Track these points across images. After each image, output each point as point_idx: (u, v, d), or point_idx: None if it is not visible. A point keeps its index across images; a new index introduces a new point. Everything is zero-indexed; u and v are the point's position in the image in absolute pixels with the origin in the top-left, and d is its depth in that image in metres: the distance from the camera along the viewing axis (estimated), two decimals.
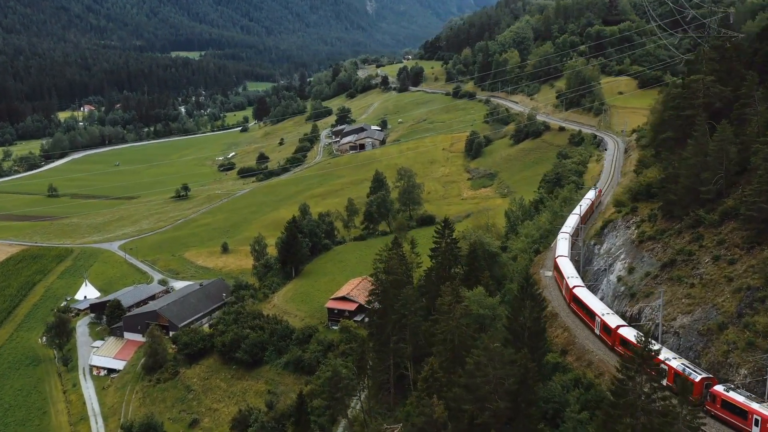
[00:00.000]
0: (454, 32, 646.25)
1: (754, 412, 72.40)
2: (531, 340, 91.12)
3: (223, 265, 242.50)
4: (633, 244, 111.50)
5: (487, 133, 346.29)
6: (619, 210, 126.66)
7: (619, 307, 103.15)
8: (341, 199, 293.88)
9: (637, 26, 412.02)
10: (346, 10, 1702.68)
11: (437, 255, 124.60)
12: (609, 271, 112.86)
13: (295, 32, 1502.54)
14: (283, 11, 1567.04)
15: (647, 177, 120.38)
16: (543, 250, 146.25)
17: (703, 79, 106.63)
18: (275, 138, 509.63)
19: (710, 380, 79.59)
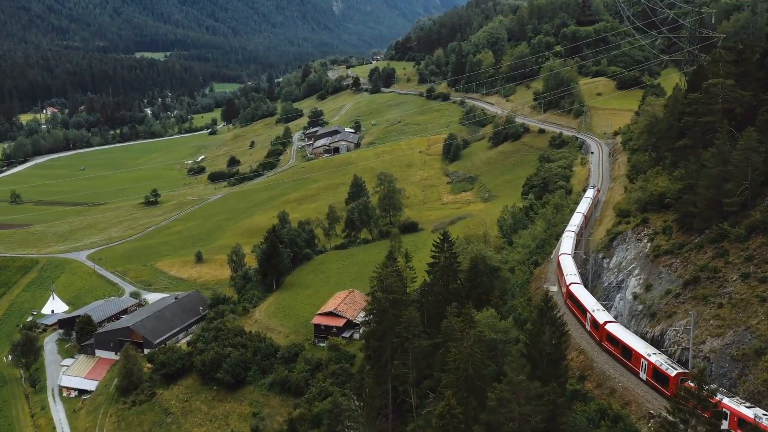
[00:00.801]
0: (424, 33, 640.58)
1: (724, 407, 72.92)
2: (550, 368, 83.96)
3: (198, 275, 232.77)
4: (647, 258, 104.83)
5: (464, 135, 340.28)
6: (627, 221, 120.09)
7: (638, 327, 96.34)
8: (318, 204, 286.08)
9: (612, 27, 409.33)
10: (313, 10, 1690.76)
11: (436, 270, 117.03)
12: (622, 287, 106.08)
13: (261, 33, 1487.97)
14: (249, 11, 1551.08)
15: (659, 186, 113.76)
16: (542, 262, 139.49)
17: (722, 83, 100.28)
18: (245, 140, 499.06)
19: (686, 375, 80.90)
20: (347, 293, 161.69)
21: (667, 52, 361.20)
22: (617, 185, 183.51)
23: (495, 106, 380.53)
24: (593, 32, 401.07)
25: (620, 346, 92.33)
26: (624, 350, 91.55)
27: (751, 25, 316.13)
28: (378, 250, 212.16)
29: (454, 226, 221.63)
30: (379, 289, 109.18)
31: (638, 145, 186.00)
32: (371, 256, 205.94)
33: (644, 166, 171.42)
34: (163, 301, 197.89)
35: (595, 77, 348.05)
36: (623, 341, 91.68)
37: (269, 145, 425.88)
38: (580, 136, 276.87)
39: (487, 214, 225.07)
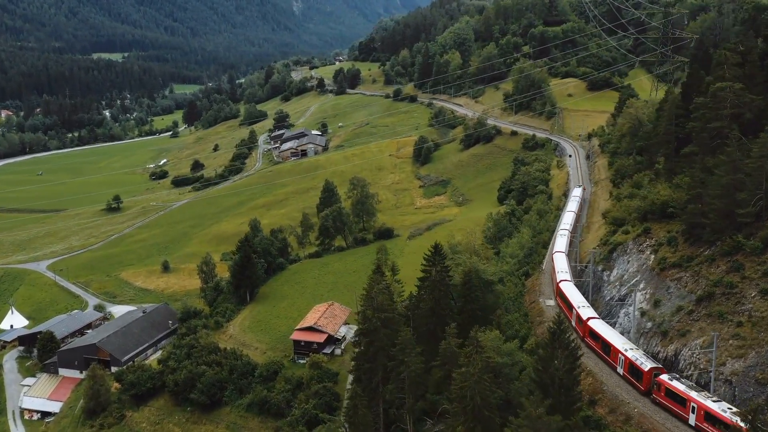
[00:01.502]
0: (388, 33, 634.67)
1: (692, 400, 75.87)
2: (563, 394, 78.00)
3: (165, 286, 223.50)
4: (653, 271, 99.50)
5: (435, 137, 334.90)
6: (626, 230, 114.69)
7: (649, 346, 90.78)
8: (287, 209, 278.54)
9: (579, 27, 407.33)
10: (273, 10, 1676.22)
11: (426, 285, 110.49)
12: (626, 302, 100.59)
13: (220, 33, 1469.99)
14: (208, 12, 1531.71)
15: (660, 195, 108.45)
16: (533, 273, 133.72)
17: (730, 86, 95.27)
18: (209, 143, 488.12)
19: (659, 370, 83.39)
20: (327, 306, 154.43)
21: (634, 52, 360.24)
22: (601, 190, 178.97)
23: (464, 108, 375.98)
24: (561, 33, 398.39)
25: (600, 341, 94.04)
26: (604, 346, 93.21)
27: (717, 26, 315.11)
28: (354, 258, 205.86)
29: (431, 233, 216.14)
30: (369, 307, 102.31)
31: (621, 148, 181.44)
32: (347, 265, 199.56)
33: (629, 170, 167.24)
34: (130, 315, 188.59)
35: (564, 78, 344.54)
36: (603, 337, 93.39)
37: (234, 149, 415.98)
38: (554, 138, 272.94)
39: (467, 219, 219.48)
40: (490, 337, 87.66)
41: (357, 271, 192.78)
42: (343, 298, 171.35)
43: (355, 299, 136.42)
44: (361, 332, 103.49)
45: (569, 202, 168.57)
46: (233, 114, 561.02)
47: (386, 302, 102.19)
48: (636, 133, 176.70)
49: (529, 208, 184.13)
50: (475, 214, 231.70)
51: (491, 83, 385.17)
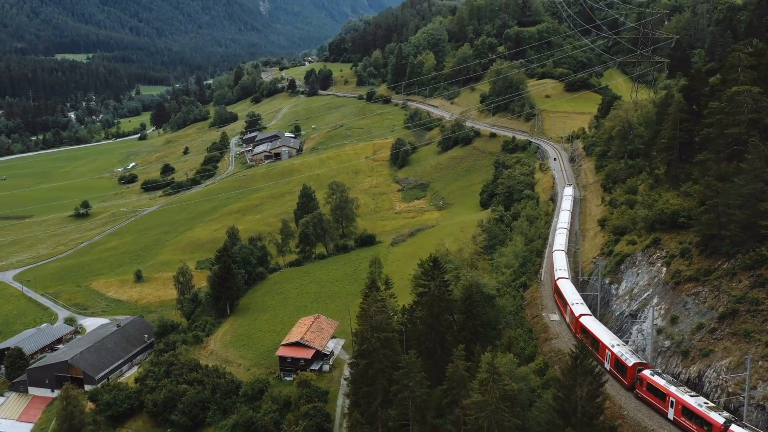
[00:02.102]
0: (359, 34, 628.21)
1: (671, 395, 77.43)
2: (585, 424, 72.53)
3: (139, 296, 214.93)
4: (666, 285, 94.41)
5: (411, 139, 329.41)
6: (632, 240, 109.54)
7: (668, 366, 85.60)
8: (263, 215, 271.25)
9: (553, 28, 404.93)
10: (239, 10, 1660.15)
11: (425, 302, 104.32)
12: (638, 318, 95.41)
13: (187, 33, 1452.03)
14: (174, 12, 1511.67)
15: (671, 204, 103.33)
16: (530, 284, 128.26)
17: (748, 90, 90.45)
18: (178, 146, 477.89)
19: (643, 365, 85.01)
20: (312, 319, 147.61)
21: (609, 53, 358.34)
22: (591, 194, 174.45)
23: (440, 109, 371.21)
24: (536, 33, 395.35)
25: (590, 337, 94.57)
26: (593, 342, 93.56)
27: (692, 27, 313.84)
28: (336, 266, 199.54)
29: (415, 239, 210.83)
30: (367, 327, 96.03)
31: (612, 152, 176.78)
32: (329, 274, 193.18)
33: (621, 174, 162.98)
34: (104, 329, 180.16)
35: (541, 79, 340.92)
36: (592, 333, 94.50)
37: (205, 152, 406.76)
38: (534, 141, 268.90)
39: (450, 224, 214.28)
40: (503, 361, 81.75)
41: (340, 280, 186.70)
42: (328, 310, 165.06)
43: (349, 316, 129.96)
44: (360, 353, 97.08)
45: (563, 200, 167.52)
46: (203, 116, 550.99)
47: (385, 321, 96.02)
48: (626, 137, 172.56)
49: (518, 214, 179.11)
50: (458, 218, 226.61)
51: (467, 84, 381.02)
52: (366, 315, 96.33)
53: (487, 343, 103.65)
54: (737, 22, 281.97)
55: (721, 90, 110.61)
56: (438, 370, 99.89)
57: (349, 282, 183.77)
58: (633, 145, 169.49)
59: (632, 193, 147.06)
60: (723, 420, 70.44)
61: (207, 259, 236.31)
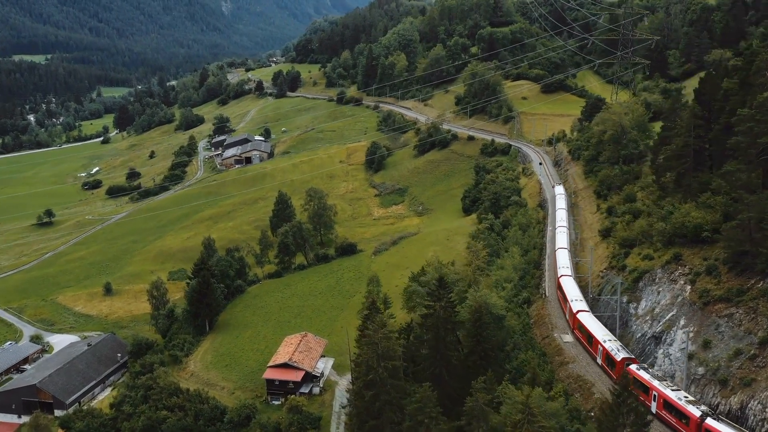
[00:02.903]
0: (326, 34, 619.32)
1: (654, 389, 79.72)
2: None
3: (109, 311, 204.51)
4: (693, 305, 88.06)
5: (385, 142, 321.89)
6: (649, 256, 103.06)
7: (704, 396, 79.10)
8: (236, 222, 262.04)
9: (526, 29, 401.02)
10: (201, 11, 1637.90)
11: (430, 324, 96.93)
12: (663, 340, 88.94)
13: (148, 34, 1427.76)
14: (134, 12, 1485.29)
15: (693, 217, 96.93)
16: (534, 299, 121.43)
17: None
18: (143, 150, 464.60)
19: (631, 360, 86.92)
20: (300, 338, 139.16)
21: (582, 54, 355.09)
22: (584, 201, 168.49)
23: (413, 111, 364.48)
24: (510, 34, 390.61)
25: (585, 333, 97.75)
26: (588, 337, 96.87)
27: (665, 27, 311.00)
28: (317, 277, 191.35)
29: (398, 247, 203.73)
30: (373, 355, 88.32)
31: (604, 157, 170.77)
32: (311, 286, 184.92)
33: (616, 181, 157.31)
34: (74, 349, 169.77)
35: (516, 80, 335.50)
36: (587, 328, 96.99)
37: (172, 156, 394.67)
38: (514, 144, 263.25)
39: (433, 232, 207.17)
40: (533, 397, 74.49)
41: (323, 292, 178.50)
42: (313, 326, 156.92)
43: (347, 340, 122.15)
44: (365, 384, 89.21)
45: (557, 200, 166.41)
46: (168, 119, 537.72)
47: (392, 349, 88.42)
48: (619, 141, 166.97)
49: (508, 222, 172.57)
50: (440, 225, 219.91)
51: (440, 86, 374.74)
52: (371, 342, 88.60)
53: (497, 366, 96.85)
54: (712, 23, 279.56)
55: (737, 94, 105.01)
56: (446, 397, 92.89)
57: (332, 295, 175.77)
58: (627, 150, 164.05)
59: (630, 201, 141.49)
60: (700, 413, 72.67)
61: (180, 269, 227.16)
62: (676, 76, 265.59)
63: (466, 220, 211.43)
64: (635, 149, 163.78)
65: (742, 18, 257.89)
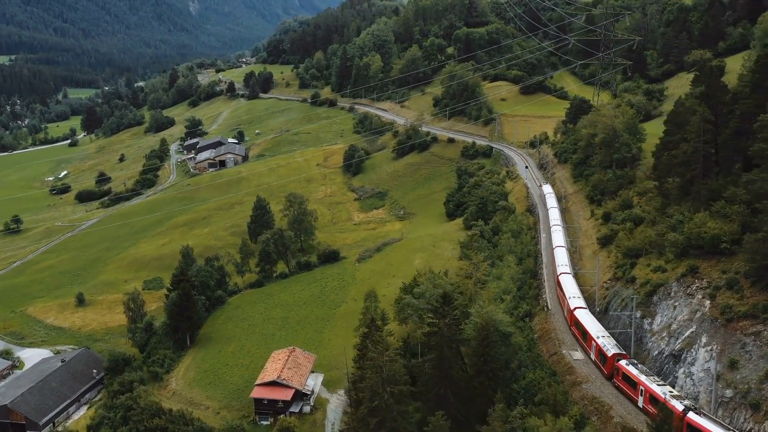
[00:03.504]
0: (298, 34, 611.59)
1: (641, 384, 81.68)
2: None
3: (82, 323, 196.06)
4: (715, 322, 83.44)
5: (363, 145, 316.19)
6: (662, 269, 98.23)
7: (735, 422, 74.22)
8: (212, 228, 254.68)
9: (502, 29, 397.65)
10: (168, 11, 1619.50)
11: (435, 344, 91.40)
12: (683, 359, 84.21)
13: (114, 34, 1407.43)
14: (100, 12, 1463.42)
15: (709, 228, 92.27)
16: (535, 312, 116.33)
17: None
18: (113, 153, 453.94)
19: (622, 356, 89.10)
20: (288, 353, 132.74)
21: (558, 54, 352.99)
22: (575, 207, 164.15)
23: (390, 113, 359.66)
24: (486, 34, 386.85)
25: (581, 329, 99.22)
26: (583, 333, 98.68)
27: (642, 27, 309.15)
28: (300, 286, 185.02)
29: (382, 254, 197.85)
30: (378, 379, 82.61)
31: (596, 161, 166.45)
32: (294, 296, 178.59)
33: (610, 186, 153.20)
34: (47, 365, 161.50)
35: (494, 81, 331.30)
36: (582, 325, 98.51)
37: (143, 159, 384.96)
38: (496, 146, 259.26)
39: (418, 238, 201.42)
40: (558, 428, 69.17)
41: (307, 302, 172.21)
42: (299, 338, 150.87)
43: (345, 361, 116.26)
44: (370, 411, 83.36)
45: (547, 198, 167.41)
46: (137, 121, 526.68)
47: (398, 372, 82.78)
48: (612, 144, 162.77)
49: (498, 228, 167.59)
50: (423, 230, 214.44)
51: (417, 87, 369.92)
52: (375, 365, 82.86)
53: (504, 387, 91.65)
54: (690, 23, 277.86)
55: (748, 98, 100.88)
56: (451, 420, 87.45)
57: (317, 305, 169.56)
58: (619, 153, 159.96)
59: (627, 206, 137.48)
60: (682, 407, 74.46)
61: (155, 278, 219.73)
62: (656, 76, 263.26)
63: (451, 226, 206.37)
64: (628, 153, 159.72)
65: (720, 18, 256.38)
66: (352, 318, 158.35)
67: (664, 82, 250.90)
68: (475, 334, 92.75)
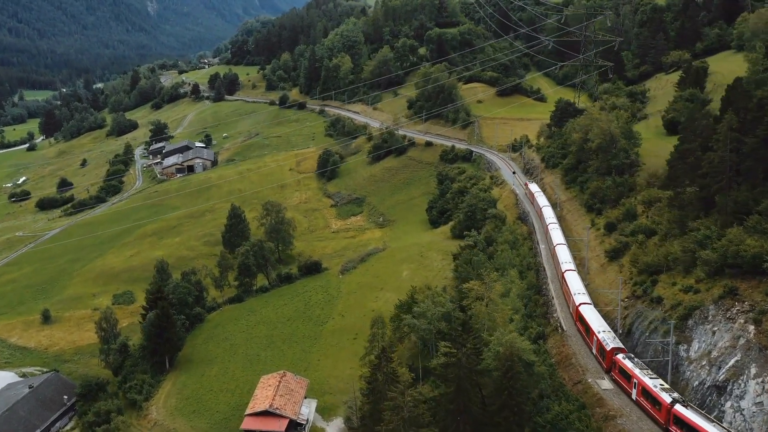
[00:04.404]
0: (263, 35, 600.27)
1: (634, 377, 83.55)
2: None
3: (49, 342, 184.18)
4: (764, 351, 76.47)
5: (336, 149, 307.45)
6: (694, 288, 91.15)
7: None
8: (183, 238, 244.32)
9: (474, 30, 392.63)
10: (126, 11, 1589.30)
11: (453, 376, 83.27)
12: (730, 391, 77.10)
13: (71, 35, 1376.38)
14: (56, 12, 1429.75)
15: (748, 246, 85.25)
16: (548, 332, 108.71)
17: None
18: (74, 158, 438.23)
19: (620, 350, 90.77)
20: (278, 378, 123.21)
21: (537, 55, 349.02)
22: (572, 216, 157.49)
23: (362, 116, 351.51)
24: (458, 35, 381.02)
25: (584, 324, 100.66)
26: (586, 328, 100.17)
27: (616, 28, 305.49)
28: (282, 301, 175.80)
29: (367, 265, 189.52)
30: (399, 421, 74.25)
31: (593, 167, 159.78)
32: (277, 311, 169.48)
33: (610, 194, 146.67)
34: (13, 392, 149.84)
35: (468, 83, 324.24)
36: (585, 319, 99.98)
37: (107, 164, 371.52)
38: (476, 150, 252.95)
39: (403, 248, 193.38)
40: None
41: (292, 318, 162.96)
42: (287, 359, 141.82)
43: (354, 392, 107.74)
44: None
45: (536, 197, 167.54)
46: (98, 124, 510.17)
47: (422, 415, 74.50)
48: (609, 150, 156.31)
49: (491, 239, 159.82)
50: (407, 239, 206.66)
51: (389, 89, 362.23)
52: (396, 406, 74.46)
53: (530, 422, 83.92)
54: (666, 24, 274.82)
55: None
56: None
57: (302, 321, 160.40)
58: (617, 159, 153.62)
59: (631, 216, 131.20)
60: (670, 399, 76.85)
61: (125, 291, 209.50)
62: (633, 77, 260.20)
63: (437, 235, 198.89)
64: (626, 159, 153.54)
65: (696, 19, 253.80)
66: (341, 336, 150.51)
67: (641, 83, 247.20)
68: (496, 364, 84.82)
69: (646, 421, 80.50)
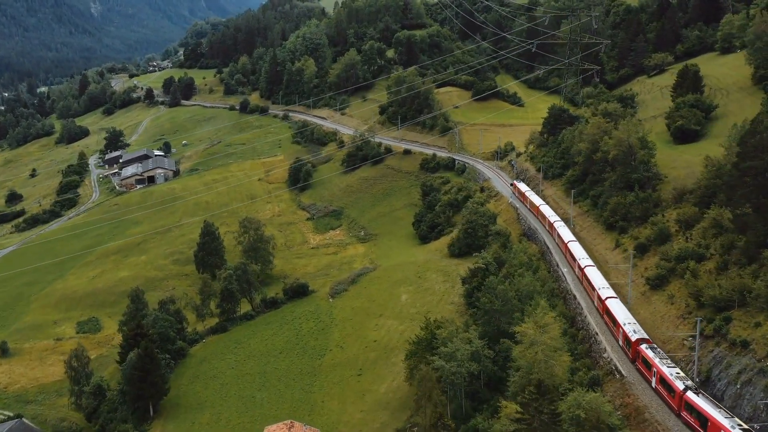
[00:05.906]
0: (218, 37, 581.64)
1: (654, 366, 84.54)
2: None
3: (9, 379, 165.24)
4: None
5: (306, 156, 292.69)
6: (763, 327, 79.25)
7: None
8: (150, 256, 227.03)
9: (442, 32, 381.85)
10: (69, 12, 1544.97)
11: None
12: None
13: (11, 37, 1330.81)
14: None
15: None
16: (603, 378, 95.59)
17: None
18: (22, 168, 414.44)
19: (645, 341, 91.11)
20: (286, 430, 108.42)
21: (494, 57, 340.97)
22: (588, 233, 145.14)
23: (329, 121, 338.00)
24: (427, 37, 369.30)
25: (611, 317, 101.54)
26: (612, 321, 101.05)
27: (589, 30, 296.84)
28: (271, 330, 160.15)
29: (359, 287, 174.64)
30: None
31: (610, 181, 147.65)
32: (266, 342, 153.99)
33: (634, 211, 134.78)
34: None
35: (441, 87, 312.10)
36: (612, 312, 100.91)
37: (59, 174, 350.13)
38: (458, 158, 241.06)
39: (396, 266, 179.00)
40: None
41: (284, 351, 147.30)
42: (286, 403, 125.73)
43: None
44: None
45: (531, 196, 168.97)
46: (47, 131, 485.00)
47: None
48: (628, 162, 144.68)
49: (501, 260, 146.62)
50: (397, 256, 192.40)
51: (357, 93, 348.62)
52: None
53: None
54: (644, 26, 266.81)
55: None
56: None
57: (296, 354, 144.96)
58: (638, 173, 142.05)
59: (664, 237, 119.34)
60: (683, 386, 77.76)
61: (90, 317, 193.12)
62: (612, 80, 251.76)
63: (432, 252, 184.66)
64: (647, 172, 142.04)
65: (675, 20, 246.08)
66: (343, 371, 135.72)
67: (620, 86, 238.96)
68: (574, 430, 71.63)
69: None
